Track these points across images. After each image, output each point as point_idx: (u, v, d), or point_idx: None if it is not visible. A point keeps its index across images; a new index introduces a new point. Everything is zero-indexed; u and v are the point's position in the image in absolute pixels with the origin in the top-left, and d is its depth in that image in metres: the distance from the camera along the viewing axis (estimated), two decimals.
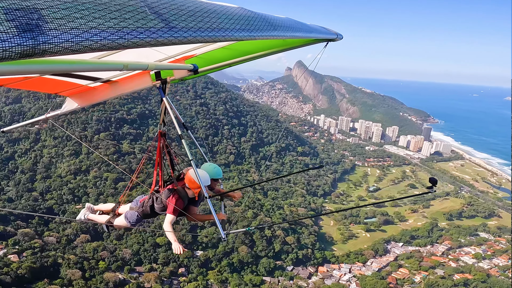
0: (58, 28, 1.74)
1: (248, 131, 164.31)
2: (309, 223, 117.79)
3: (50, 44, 1.67)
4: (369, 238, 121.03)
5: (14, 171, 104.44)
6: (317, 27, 5.65)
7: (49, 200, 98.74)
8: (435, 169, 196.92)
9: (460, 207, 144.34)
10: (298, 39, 5.05)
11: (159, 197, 7.09)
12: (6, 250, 78.58)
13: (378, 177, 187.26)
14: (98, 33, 1.89)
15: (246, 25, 3.24)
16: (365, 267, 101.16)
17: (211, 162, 7.84)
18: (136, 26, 2.13)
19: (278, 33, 3.83)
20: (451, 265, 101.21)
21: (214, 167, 7.45)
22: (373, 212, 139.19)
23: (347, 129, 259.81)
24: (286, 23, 4.36)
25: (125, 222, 7.48)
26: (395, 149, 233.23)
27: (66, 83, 5.98)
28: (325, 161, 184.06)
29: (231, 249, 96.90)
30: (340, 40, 5.64)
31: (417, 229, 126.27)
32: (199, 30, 2.57)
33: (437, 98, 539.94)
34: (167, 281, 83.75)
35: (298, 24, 4.90)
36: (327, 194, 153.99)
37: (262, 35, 3.43)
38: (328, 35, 5.39)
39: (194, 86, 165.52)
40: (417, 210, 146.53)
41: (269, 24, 3.76)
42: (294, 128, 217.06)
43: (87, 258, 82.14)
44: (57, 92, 6.48)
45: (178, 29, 2.39)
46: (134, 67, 3.74)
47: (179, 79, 6.27)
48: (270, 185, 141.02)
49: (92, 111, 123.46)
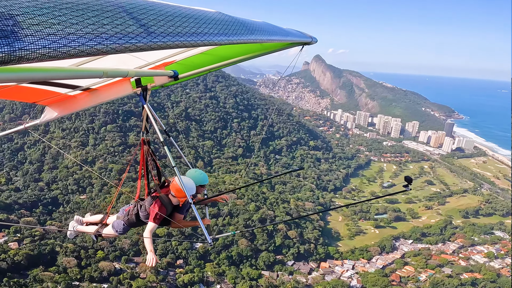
0: (35, 34, 1.71)
1: (258, 124, 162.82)
2: (314, 218, 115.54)
3: (26, 50, 1.64)
4: (378, 235, 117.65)
5: (23, 162, 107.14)
6: (293, 31, 5.75)
7: (54, 190, 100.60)
8: (455, 165, 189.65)
9: (478, 204, 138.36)
10: (275, 43, 5.11)
11: (143, 205, 7.10)
12: (7, 238, 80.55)
13: (394, 172, 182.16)
14: (76, 39, 1.86)
15: (224, 29, 3.27)
16: (369, 264, 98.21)
17: (197, 168, 7.65)
18: (114, 32, 2.10)
19: (256, 37, 3.84)
20: (461, 264, 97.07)
21: (200, 173, 7.27)
22: (384, 209, 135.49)
23: (365, 124, 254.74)
24: (263, 28, 4.37)
25: (112, 232, 7.57)
26: (414, 144, 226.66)
27: (45, 92, 5.85)
28: (338, 155, 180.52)
29: (231, 242, 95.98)
30: (315, 43, 5.81)
31: (429, 226, 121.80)
32: (178, 35, 2.57)
33: (464, 93, 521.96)
34: (163, 272, 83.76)
35: (275, 28, 4.98)
36: (338, 189, 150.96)
37: (240, 39, 3.45)
38: (303, 39, 5.52)
39: (205, 79, 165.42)
40: (432, 207, 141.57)
41: (247, 28, 3.77)
42: (308, 123, 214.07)
43: (85, 248, 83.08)
44: (35, 101, 6.38)
45: (157, 34, 2.39)
46: (113, 74, 3.54)
47: (160, 85, 6.23)
48: (278, 179, 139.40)
49: (101, 103, 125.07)
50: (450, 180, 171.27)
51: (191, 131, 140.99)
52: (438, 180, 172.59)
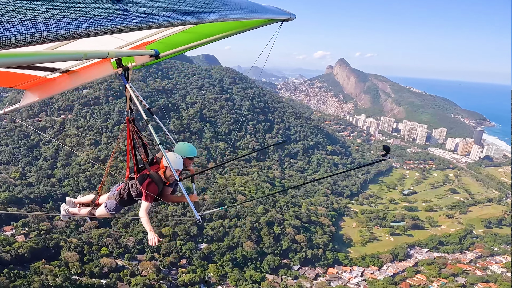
0: (10, 20, 1.70)
1: (274, 127, 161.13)
2: (325, 223, 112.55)
3: (2, 37, 1.63)
4: (392, 242, 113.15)
5: (38, 158, 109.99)
6: (272, 7, 5.68)
7: (65, 186, 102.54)
8: (482, 174, 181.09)
9: (501, 214, 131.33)
10: (254, 20, 5.11)
11: (133, 183, 7.06)
12: (15, 231, 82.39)
13: (416, 180, 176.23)
14: (54, 23, 1.85)
15: (204, 8, 3.25)
16: (379, 271, 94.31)
17: (184, 142, 7.79)
18: (93, 15, 2.10)
19: (235, 15, 3.84)
20: (476, 274, 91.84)
21: (188, 145, 7.45)
22: (402, 216, 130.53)
23: (389, 130, 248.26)
24: (242, 5, 4.36)
25: (105, 212, 7.57)
26: (441, 152, 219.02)
27: (23, 76, 5.69)
28: (357, 161, 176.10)
29: (236, 244, 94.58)
30: (294, 20, 5.73)
31: (448, 235, 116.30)
32: (158, 16, 2.58)
33: (498, 100, 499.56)
34: (165, 271, 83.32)
35: (254, 5, 4.93)
36: (355, 195, 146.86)
37: (219, 17, 3.45)
38: (282, 15, 5.50)
39: (221, 81, 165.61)
40: (453, 216, 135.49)
41: (226, 6, 3.78)
42: (328, 127, 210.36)
43: (90, 243, 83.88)
44: (13, 85, 6.21)
45: (136, 15, 2.41)
46: (93, 55, 3.49)
47: (141, 65, 6.18)
48: (291, 182, 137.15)
49: (116, 102, 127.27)
50: (475, 189, 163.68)
51: (204, 132, 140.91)
52: (463, 189, 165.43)
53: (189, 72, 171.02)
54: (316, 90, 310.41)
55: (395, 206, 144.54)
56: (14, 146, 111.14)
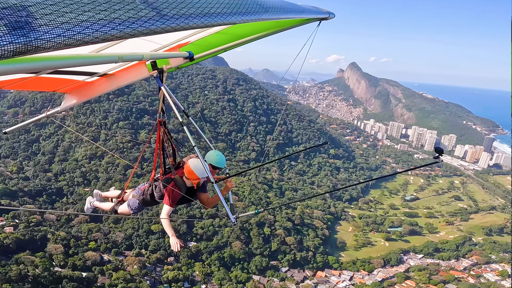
0: (48, 23, 1.75)
1: (276, 129, 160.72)
2: (319, 226, 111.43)
3: (42, 40, 1.68)
4: (387, 248, 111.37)
5: (36, 153, 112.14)
6: (309, 6, 5.49)
7: (61, 181, 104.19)
8: (489, 182, 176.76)
9: (504, 222, 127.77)
10: (291, 19, 5.02)
11: (158, 185, 7.12)
12: (5, 223, 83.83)
13: (420, 186, 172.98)
14: (90, 26, 1.91)
15: (238, 8, 3.19)
16: (369, 276, 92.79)
17: (216, 150, 7.53)
18: (127, 17, 2.14)
19: (271, 15, 3.74)
20: (469, 281, 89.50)
21: (217, 154, 7.11)
22: (400, 222, 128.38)
23: (398, 135, 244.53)
24: (277, 4, 4.21)
25: (127, 210, 7.66)
26: (449, 158, 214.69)
27: (64, 80, 6.05)
28: (360, 165, 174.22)
29: (225, 244, 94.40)
30: (332, 18, 5.58)
31: (445, 242, 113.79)
32: (191, 17, 2.57)
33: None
34: (150, 267, 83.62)
35: (289, 4, 4.76)
36: (354, 200, 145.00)
37: (254, 18, 3.36)
38: (320, 15, 5.34)
39: (225, 82, 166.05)
40: (453, 223, 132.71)
41: (261, 6, 3.64)
42: (333, 131, 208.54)
43: (78, 237, 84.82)
44: (55, 89, 6.59)
45: (169, 17, 2.41)
46: (129, 58, 3.52)
47: (176, 67, 6.27)
48: (289, 185, 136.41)
49: (116, 100, 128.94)
50: (480, 197, 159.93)
51: (204, 133, 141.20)
52: (467, 196, 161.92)
53: (193, 73, 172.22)
54: (325, 94, 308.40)
55: (395, 211, 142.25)
56: (14, 141, 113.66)
